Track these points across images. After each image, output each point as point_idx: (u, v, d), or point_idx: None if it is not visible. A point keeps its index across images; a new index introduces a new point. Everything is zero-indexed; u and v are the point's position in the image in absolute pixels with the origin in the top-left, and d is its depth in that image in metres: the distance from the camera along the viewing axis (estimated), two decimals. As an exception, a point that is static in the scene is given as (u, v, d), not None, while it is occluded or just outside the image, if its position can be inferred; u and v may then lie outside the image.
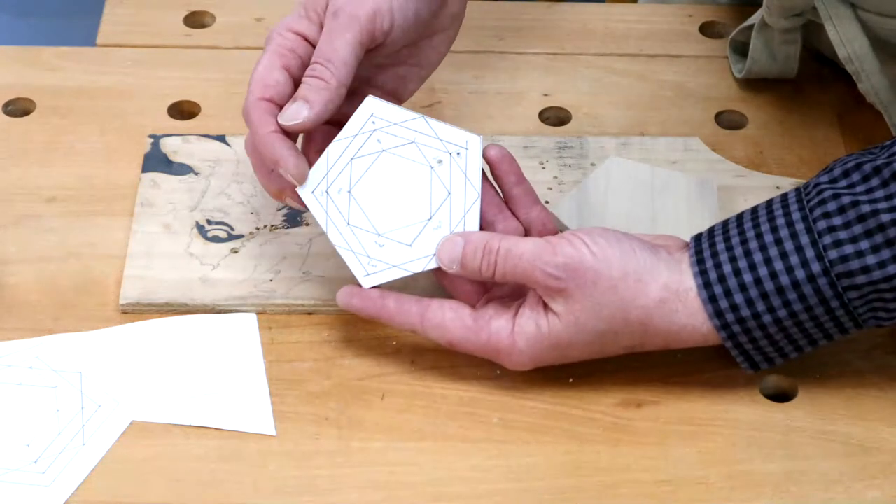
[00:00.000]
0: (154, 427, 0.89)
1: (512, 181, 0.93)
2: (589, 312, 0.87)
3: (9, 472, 0.86)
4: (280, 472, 0.87)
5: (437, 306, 0.90)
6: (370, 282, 0.91)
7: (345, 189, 0.92)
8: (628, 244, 0.88)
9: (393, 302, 0.90)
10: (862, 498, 0.86)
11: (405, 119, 0.93)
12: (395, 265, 0.91)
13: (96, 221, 1.01)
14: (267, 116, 0.90)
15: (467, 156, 0.92)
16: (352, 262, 0.91)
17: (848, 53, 1.03)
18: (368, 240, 0.91)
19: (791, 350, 0.88)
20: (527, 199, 0.93)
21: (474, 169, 0.92)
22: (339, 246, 0.91)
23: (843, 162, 0.87)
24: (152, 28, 1.17)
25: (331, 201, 0.91)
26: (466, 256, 0.89)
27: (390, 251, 0.91)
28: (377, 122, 0.92)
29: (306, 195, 0.91)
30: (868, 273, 0.84)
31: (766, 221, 0.87)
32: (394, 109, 0.93)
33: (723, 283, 0.86)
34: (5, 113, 1.09)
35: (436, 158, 0.92)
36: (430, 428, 0.89)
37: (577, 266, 0.86)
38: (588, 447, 0.89)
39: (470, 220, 0.91)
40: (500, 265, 0.88)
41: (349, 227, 0.91)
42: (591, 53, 1.15)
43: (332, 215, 0.91)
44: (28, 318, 0.95)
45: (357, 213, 0.91)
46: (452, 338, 0.89)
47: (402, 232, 0.91)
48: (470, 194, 0.91)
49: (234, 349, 0.93)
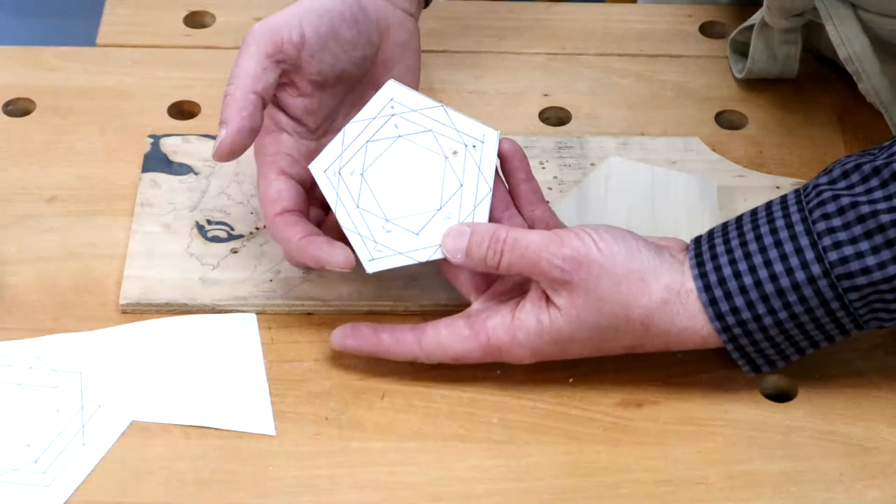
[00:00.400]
0: (154, 427, 0.89)
1: (521, 177, 0.93)
2: (590, 307, 0.87)
3: (9, 472, 0.86)
4: (280, 472, 0.87)
5: (432, 328, 0.90)
6: (374, 266, 0.90)
7: (357, 171, 0.91)
8: (634, 243, 0.88)
9: (388, 335, 0.90)
10: (862, 498, 0.86)
11: (425, 107, 0.93)
12: (400, 252, 0.90)
13: (96, 221, 1.01)
14: (289, 228, 0.92)
15: (483, 149, 0.92)
16: (358, 245, 0.91)
17: (848, 54, 1.03)
18: (376, 224, 0.91)
19: (792, 352, 0.88)
20: (533, 197, 0.93)
21: (488, 163, 0.92)
22: (346, 228, 0.91)
23: (843, 163, 0.87)
24: (152, 28, 1.17)
25: (342, 182, 0.91)
26: (472, 245, 0.89)
27: (397, 238, 0.91)
28: (396, 108, 0.92)
29: (318, 174, 0.91)
30: (868, 274, 0.84)
31: (766, 223, 0.87)
32: (414, 95, 0.93)
33: (723, 286, 0.86)
34: (5, 113, 1.09)
35: (451, 149, 0.92)
36: (430, 428, 0.89)
37: (582, 259, 0.86)
38: (588, 447, 0.89)
39: (479, 214, 0.91)
40: (507, 255, 0.88)
41: (358, 209, 0.91)
42: (591, 53, 1.15)
43: (342, 196, 0.91)
44: (28, 318, 0.95)
45: (367, 197, 0.91)
46: (454, 353, 0.89)
47: (411, 220, 0.91)
48: (482, 188, 0.91)
49: (234, 349, 0.93)
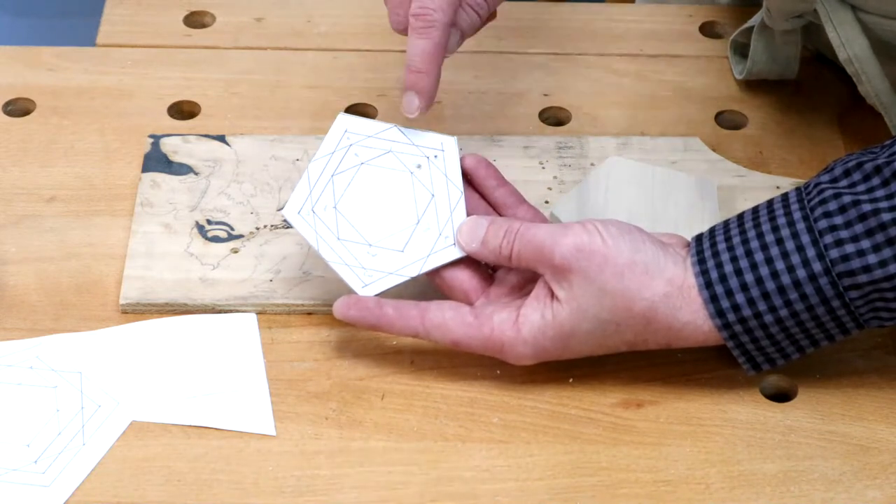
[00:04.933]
0: (154, 427, 0.89)
1: (493, 185, 0.95)
2: (592, 298, 0.87)
3: (9, 472, 0.86)
4: (280, 472, 0.87)
5: (437, 307, 0.90)
6: (369, 291, 0.91)
7: (330, 206, 0.92)
8: (639, 237, 0.88)
9: (391, 309, 0.90)
10: (862, 498, 0.86)
11: (379, 130, 0.95)
12: (390, 272, 0.91)
13: (96, 221, 1.01)
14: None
15: (445, 157, 0.94)
16: (347, 275, 0.91)
17: (848, 55, 1.03)
18: (360, 251, 0.92)
19: (793, 350, 0.88)
20: (511, 200, 0.94)
21: (453, 169, 0.93)
22: (331, 261, 0.92)
23: (844, 161, 0.87)
24: (152, 28, 1.17)
25: (318, 219, 0.92)
26: (489, 235, 0.90)
27: (384, 259, 0.91)
28: (352, 137, 0.94)
29: (292, 217, 0.92)
30: (869, 272, 0.84)
31: (767, 221, 0.87)
32: (366, 123, 0.95)
33: (724, 283, 0.86)
34: (5, 113, 1.09)
35: (414, 164, 0.93)
36: (430, 428, 0.89)
37: (586, 248, 0.87)
38: (588, 447, 0.89)
39: (457, 218, 0.92)
40: (517, 244, 0.89)
41: (340, 241, 0.92)
42: (591, 53, 1.15)
43: (321, 233, 0.92)
44: (28, 318, 0.95)
45: (346, 228, 0.92)
46: (455, 336, 0.89)
47: (393, 239, 0.92)
48: (453, 194, 0.93)
49: (234, 349, 0.93)
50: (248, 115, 1.09)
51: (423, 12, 0.94)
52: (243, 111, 1.10)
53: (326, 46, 1.15)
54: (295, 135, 1.07)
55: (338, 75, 1.13)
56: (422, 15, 0.94)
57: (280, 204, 1.01)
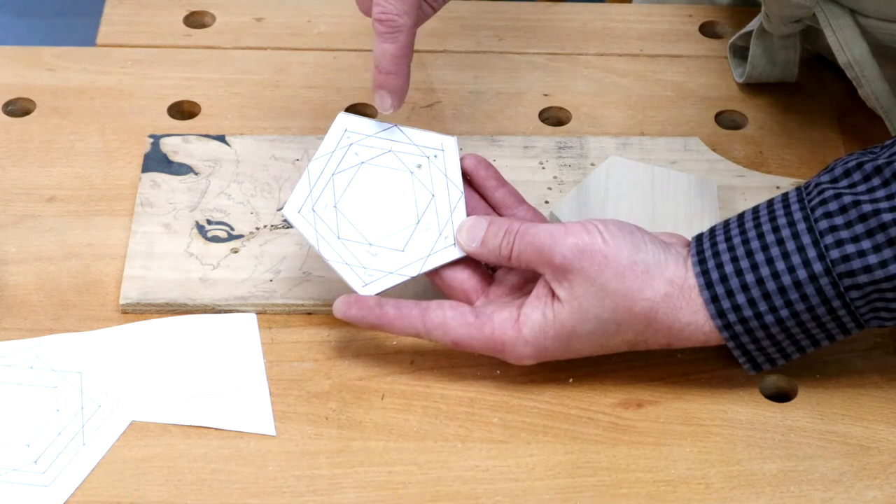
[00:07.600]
0: (154, 427, 0.89)
1: (493, 185, 0.95)
2: (593, 297, 0.87)
3: (9, 472, 0.86)
4: (280, 472, 0.87)
5: (437, 307, 0.90)
6: (369, 291, 0.91)
7: (330, 205, 0.92)
8: (640, 237, 0.88)
9: (392, 308, 0.90)
10: (862, 498, 0.86)
11: (379, 130, 0.95)
12: (391, 272, 0.91)
13: (96, 221, 1.01)
14: None
15: (444, 157, 0.94)
16: (348, 274, 0.91)
17: (847, 59, 1.03)
18: (361, 251, 0.92)
19: (793, 350, 0.88)
20: (510, 201, 0.94)
21: (453, 169, 0.94)
22: (332, 261, 0.92)
23: (844, 161, 0.87)
24: (152, 28, 1.17)
25: (318, 218, 0.92)
26: (489, 235, 0.90)
27: (384, 259, 0.91)
28: (352, 137, 0.94)
29: (292, 216, 0.92)
30: (870, 272, 0.84)
31: (768, 221, 0.87)
32: (367, 122, 0.95)
33: (724, 284, 0.86)
34: (5, 113, 1.09)
35: (414, 163, 0.93)
36: (429, 428, 0.89)
37: (586, 248, 0.87)
38: (588, 447, 0.89)
39: (457, 218, 0.92)
40: (517, 244, 0.89)
41: (340, 240, 0.92)
42: (591, 53, 1.15)
43: (321, 232, 0.92)
44: (28, 318, 0.95)
45: (346, 227, 0.92)
46: (456, 336, 0.89)
47: (393, 239, 0.92)
48: (453, 194, 0.93)
49: (234, 349, 0.93)
50: (248, 116, 1.09)
51: (388, 18, 0.93)
52: (243, 111, 1.10)
53: (326, 46, 1.15)
54: (295, 135, 1.07)
55: (338, 75, 1.13)
56: (386, 21, 0.94)
57: (280, 204, 1.01)
